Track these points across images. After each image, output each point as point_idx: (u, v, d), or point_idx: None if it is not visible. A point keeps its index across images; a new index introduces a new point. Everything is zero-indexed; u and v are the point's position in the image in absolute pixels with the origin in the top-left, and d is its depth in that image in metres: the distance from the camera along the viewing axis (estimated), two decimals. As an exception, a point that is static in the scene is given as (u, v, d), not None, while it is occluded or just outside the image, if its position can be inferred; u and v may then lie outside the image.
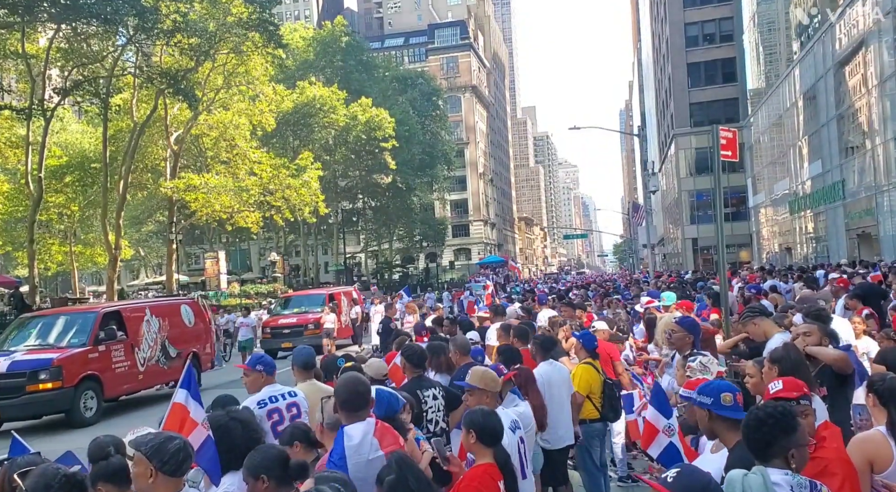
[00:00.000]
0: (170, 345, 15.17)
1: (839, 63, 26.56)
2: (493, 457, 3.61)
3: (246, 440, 3.50)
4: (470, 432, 3.59)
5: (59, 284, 53.04)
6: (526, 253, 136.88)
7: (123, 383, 13.89)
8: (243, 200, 33.68)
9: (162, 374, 15.01)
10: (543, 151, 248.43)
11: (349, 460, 3.34)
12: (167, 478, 2.85)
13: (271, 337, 21.42)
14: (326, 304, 21.47)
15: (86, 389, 12.77)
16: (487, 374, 4.49)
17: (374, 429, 3.54)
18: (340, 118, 45.32)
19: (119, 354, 13.66)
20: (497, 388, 4.46)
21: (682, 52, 50.37)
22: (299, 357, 5.51)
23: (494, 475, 3.54)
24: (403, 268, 68.24)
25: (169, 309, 15.94)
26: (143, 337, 14.39)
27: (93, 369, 13.00)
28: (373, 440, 3.47)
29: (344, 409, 3.58)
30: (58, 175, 33.06)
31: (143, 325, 14.46)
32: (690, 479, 2.37)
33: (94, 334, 13.27)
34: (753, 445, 2.71)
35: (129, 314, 14.48)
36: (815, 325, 4.73)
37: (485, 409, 3.84)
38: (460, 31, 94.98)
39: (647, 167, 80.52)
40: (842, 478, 2.91)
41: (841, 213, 27.25)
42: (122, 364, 13.73)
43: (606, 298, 14.91)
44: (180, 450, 2.88)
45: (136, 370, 14.10)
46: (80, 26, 25.65)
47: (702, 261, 46.70)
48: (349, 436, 3.47)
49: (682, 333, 6.25)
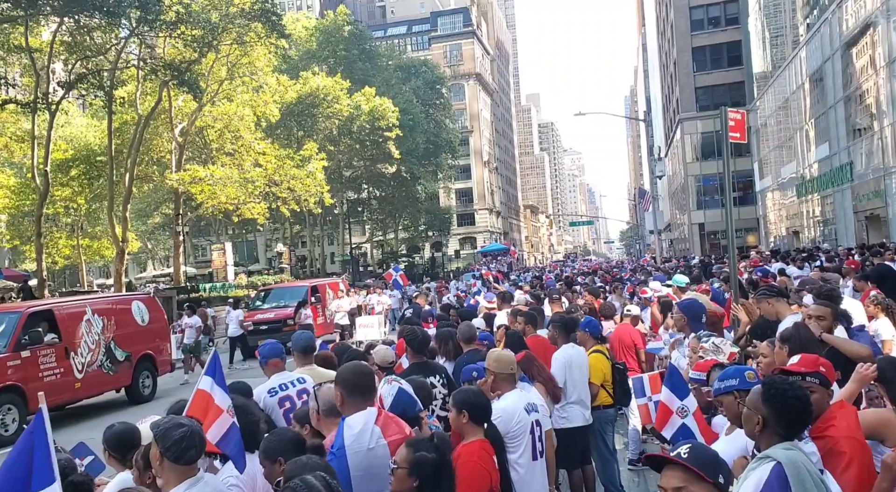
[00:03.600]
0: (116, 347, 13.59)
1: (846, 44, 26.31)
2: (485, 434, 3.64)
3: (244, 426, 3.50)
4: (462, 412, 3.60)
5: (67, 277, 53.26)
6: (532, 241, 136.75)
7: (55, 394, 11.87)
8: (249, 192, 33.71)
9: (106, 381, 13.43)
10: (548, 139, 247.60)
11: (348, 450, 3.26)
12: (172, 464, 2.86)
13: (252, 332, 19.65)
14: (309, 297, 20.25)
15: (2, 403, 11.18)
16: (502, 356, 4.51)
17: (377, 418, 3.46)
18: (344, 108, 45.22)
19: (49, 361, 11.95)
20: (510, 370, 4.46)
21: (688, 36, 50.00)
22: (299, 342, 5.50)
23: (490, 451, 3.58)
24: (409, 257, 68.31)
25: (116, 307, 14.28)
26: (81, 339, 12.67)
27: (13, 380, 11.33)
28: (374, 429, 3.38)
29: (349, 396, 3.49)
30: (64, 169, 33.10)
31: (81, 325, 12.78)
32: (703, 452, 2.42)
33: (14, 338, 11.58)
34: (795, 418, 2.74)
35: (63, 314, 12.70)
36: (829, 308, 4.61)
37: (473, 388, 3.87)
38: (463, 19, 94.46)
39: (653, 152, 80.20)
40: (850, 457, 2.88)
41: (849, 195, 27.10)
42: (53, 372, 12.01)
43: (614, 283, 14.88)
44: (184, 438, 2.86)
45: (71, 378, 12.37)
46: (82, 19, 25.61)
47: (709, 246, 46.60)
48: (349, 426, 3.38)
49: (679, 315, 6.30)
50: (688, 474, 2.32)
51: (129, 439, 3.58)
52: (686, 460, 2.34)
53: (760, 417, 2.75)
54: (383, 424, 3.44)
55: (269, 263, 55.51)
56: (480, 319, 8.93)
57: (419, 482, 2.90)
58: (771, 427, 2.73)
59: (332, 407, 3.72)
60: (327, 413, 3.78)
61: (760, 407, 2.75)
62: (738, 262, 12.24)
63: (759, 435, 2.78)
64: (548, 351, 6.13)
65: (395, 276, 19.14)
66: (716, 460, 2.41)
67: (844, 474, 2.84)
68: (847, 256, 15.30)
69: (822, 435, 2.99)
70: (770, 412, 2.73)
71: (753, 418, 2.78)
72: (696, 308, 6.13)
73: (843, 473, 2.84)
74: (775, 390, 2.76)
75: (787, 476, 2.52)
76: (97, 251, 42.01)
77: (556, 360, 5.82)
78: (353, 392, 3.49)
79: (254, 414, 3.64)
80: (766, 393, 2.77)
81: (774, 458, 2.59)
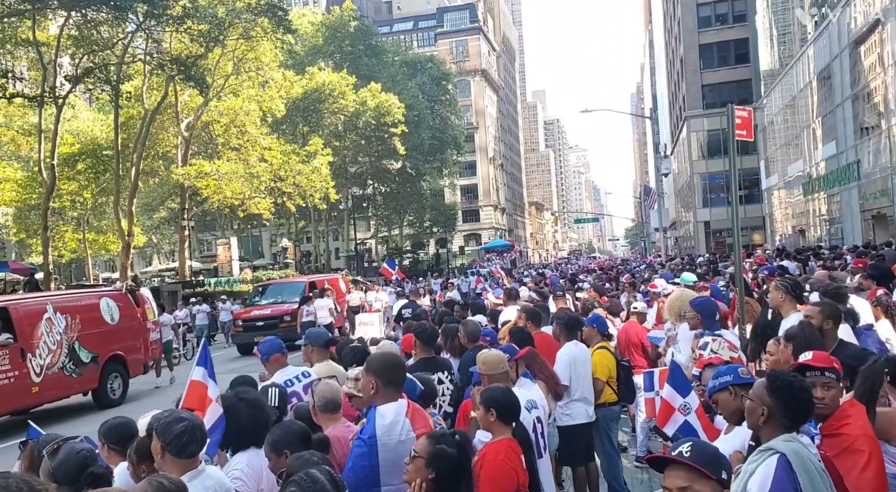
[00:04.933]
0: (81, 348, 12.61)
1: (854, 42, 26.17)
2: (512, 433, 3.63)
3: (253, 420, 3.53)
4: (490, 411, 3.57)
5: (73, 271, 53.47)
6: (537, 238, 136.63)
7: (9, 399, 11.18)
8: (254, 187, 33.80)
9: (69, 384, 12.46)
10: (554, 135, 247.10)
11: (379, 440, 3.26)
12: (173, 458, 2.89)
13: (243, 330, 19.35)
14: (307, 293, 19.56)
15: None
16: (490, 357, 4.39)
17: (407, 409, 3.46)
18: (350, 104, 45.24)
19: (2, 363, 11.10)
20: (501, 369, 4.34)
21: (695, 32, 49.79)
22: (318, 337, 5.59)
23: (517, 450, 3.55)
24: (414, 254, 68.32)
25: (82, 304, 13.17)
26: (40, 340, 11.75)
27: None
28: (405, 421, 3.38)
29: (386, 387, 3.47)
30: (70, 162, 33.21)
31: (41, 325, 11.86)
32: (705, 449, 2.42)
33: None
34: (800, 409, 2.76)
35: (20, 312, 11.73)
36: (818, 307, 4.53)
37: (502, 386, 3.85)
38: (469, 15, 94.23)
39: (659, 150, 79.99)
40: (868, 454, 2.87)
41: (855, 194, 26.97)
42: (7, 375, 11.13)
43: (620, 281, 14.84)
44: (185, 432, 2.89)
45: (28, 382, 11.46)
46: (90, 13, 25.71)
47: (714, 244, 46.49)
48: (382, 415, 3.37)
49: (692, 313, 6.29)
50: (691, 473, 2.31)
51: (127, 430, 3.61)
52: (689, 459, 2.33)
53: (766, 408, 2.77)
54: (412, 416, 3.43)
55: (273, 259, 55.56)
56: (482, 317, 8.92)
57: (436, 475, 2.89)
58: (776, 418, 2.75)
59: (327, 403, 3.74)
60: (323, 409, 3.81)
61: (766, 399, 2.78)
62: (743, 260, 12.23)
63: (762, 426, 2.80)
64: (552, 348, 6.13)
65: (394, 273, 18.65)
66: (718, 456, 2.41)
67: (864, 473, 2.82)
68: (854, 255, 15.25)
69: (837, 433, 2.97)
70: (776, 403, 2.75)
71: (758, 410, 2.80)
72: (709, 306, 6.11)
73: (863, 471, 2.82)
74: (781, 382, 2.79)
75: (793, 468, 2.53)
76: (103, 245, 42.18)
77: (560, 358, 5.82)
78: (390, 383, 3.48)
79: (263, 411, 3.66)
80: (772, 385, 2.80)
81: (778, 450, 2.60)
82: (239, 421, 3.54)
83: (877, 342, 4.91)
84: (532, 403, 4.41)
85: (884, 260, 10.93)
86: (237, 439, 3.52)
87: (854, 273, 9.23)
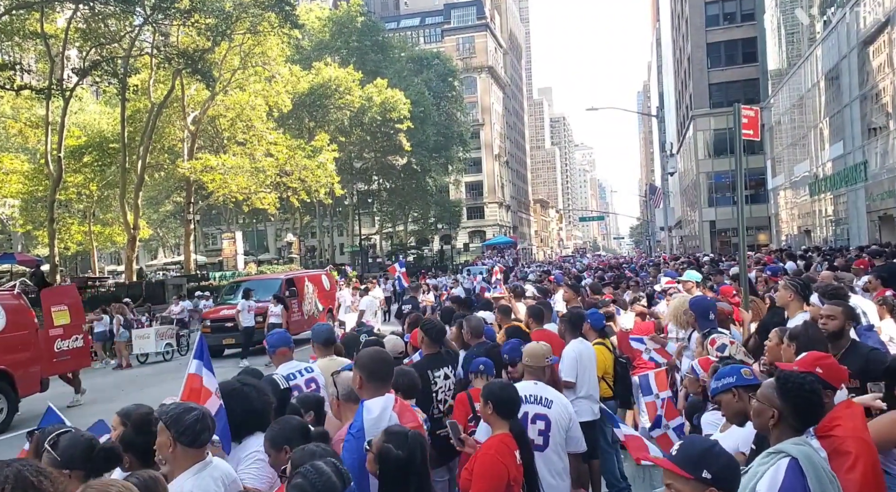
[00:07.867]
0: None
1: (863, 42, 26.05)
2: (509, 428, 3.66)
3: (262, 404, 3.56)
4: (488, 404, 3.66)
5: (79, 263, 53.68)
6: (541, 235, 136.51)
7: None
8: (260, 181, 33.83)
9: None
10: (559, 133, 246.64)
11: (367, 433, 3.32)
12: (185, 448, 2.90)
13: (211, 331, 17.52)
14: (283, 291, 18.25)
15: None
16: (536, 349, 4.64)
17: (394, 404, 3.55)
18: (356, 99, 45.24)
19: None
20: (542, 363, 4.61)
21: (702, 31, 49.60)
22: (320, 334, 5.60)
23: (511, 445, 3.61)
24: (418, 250, 68.35)
25: None
26: None
27: None
28: (392, 415, 3.47)
29: (369, 381, 3.57)
30: (77, 155, 33.30)
31: None
32: (690, 448, 2.39)
33: None
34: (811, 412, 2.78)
35: None
36: (840, 307, 4.41)
37: (502, 381, 3.90)
38: (476, 11, 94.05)
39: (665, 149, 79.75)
40: (855, 457, 2.86)
41: (862, 195, 26.88)
42: None
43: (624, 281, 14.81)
44: (198, 421, 2.91)
45: None
46: (97, 6, 25.75)
47: (719, 243, 46.37)
48: (369, 409, 3.46)
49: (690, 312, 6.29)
50: (670, 472, 2.36)
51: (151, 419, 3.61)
52: (671, 458, 2.36)
53: (776, 411, 2.76)
54: (399, 411, 3.52)
55: (278, 253, 55.65)
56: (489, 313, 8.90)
57: (380, 472, 3.00)
58: (787, 421, 2.75)
59: (350, 392, 3.76)
60: (346, 398, 3.82)
61: (776, 401, 2.77)
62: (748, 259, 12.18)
63: (772, 429, 2.79)
64: (555, 345, 6.13)
65: (398, 272, 18.29)
66: (702, 454, 2.34)
67: (849, 474, 2.82)
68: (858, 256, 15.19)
69: (827, 434, 2.98)
70: (787, 406, 2.74)
71: (767, 413, 2.79)
72: (704, 305, 6.11)
73: (848, 472, 2.82)
74: (792, 385, 2.78)
75: (803, 472, 2.54)
76: (109, 238, 42.32)
77: (566, 355, 5.83)
78: (373, 377, 3.56)
79: (267, 395, 3.68)
80: (782, 387, 2.79)
81: (788, 453, 2.60)
82: (250, 404, 3.54)
83: (877, 343, 4.90)
84: (532, 397, 4.43)
85: None
86: (249, 421, 3.51)
87: (857, 274, 9.21)
